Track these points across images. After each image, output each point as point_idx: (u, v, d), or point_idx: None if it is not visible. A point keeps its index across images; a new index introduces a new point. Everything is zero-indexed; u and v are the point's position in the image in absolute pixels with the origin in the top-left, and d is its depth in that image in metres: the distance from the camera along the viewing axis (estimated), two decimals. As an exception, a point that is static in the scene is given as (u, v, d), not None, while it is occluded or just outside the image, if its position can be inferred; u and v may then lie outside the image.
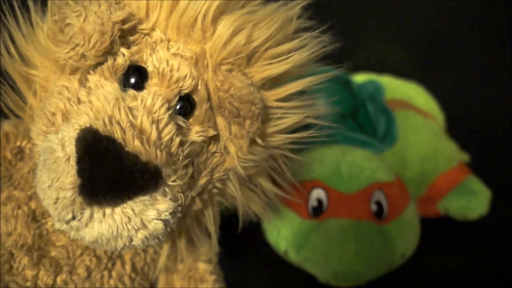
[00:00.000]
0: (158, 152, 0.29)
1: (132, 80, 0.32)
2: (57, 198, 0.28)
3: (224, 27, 0.32)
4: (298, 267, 0.49)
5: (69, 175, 0.27)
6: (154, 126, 0.29)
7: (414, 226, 0.50)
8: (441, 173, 0.54)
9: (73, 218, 0.28)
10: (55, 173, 0.28)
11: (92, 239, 0.29)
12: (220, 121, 0.33)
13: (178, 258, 0.39)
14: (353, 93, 0.56)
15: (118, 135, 0.28)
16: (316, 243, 0.46)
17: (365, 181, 0.47)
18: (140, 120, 0.29)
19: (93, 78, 0.32)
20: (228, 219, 0.39)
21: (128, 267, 0.37)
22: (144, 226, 0.29)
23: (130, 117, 0.29)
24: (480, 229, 0.54)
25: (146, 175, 0.28)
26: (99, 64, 0.32)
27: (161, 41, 0.33)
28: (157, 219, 0.29)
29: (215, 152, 0.34)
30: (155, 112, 0.30)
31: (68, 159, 0.28)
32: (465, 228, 0.54)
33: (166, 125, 0.30)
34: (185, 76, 0.32)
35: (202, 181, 0.34)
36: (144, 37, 0.33)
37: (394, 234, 0.47)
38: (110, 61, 0.32)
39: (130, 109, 0.30)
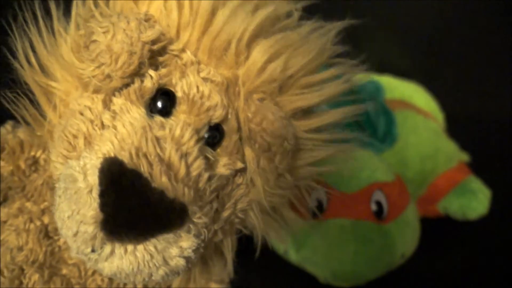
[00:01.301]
0: (186, 190, 0.27)
1: (160, 105, 0.30)
2: (77, 231, 0.27)
3: (259, 53, 0.30)
4: (298, 267, 0.49)
5: (91, 209, 0.26)
6: (183, 161, 0.27)
7: (414, 226, 0.50)
8: (441, 173, 0.54)
9: (93, 251, 0.27)
10: (76, 205, 0.26)
11: (110, 273, 0.28)
12: (249, 152, 0.31)
13: (190, 278, 0.37)
14: (353, 93, 0.56)
15: (144, 169, 0.26)
16: (316, 243, 0.46)
17: (365, 181, 0.47)
18: (168, 154, 0.27)
19: (118, 101, 0.30)
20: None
21: None
22: (166, 263, 0.27)
23: (158, 150, 0.27)
24: (480, 229, 0.54)
25: (172, 213, 0.26)
26: (125, 85, 0.30)
27: (192, 63, 0.31)
28: (179, 256, 0.27)
29: (240, 184, 0.32)
30: (184, 144, 0.28)
31: (91, 191, 0.26)
32: (465, 228, 0.54)
33: (195, 159, 0.28)
34: (216, 105, 0.30)
35: (225, 213, 0.32)
36: (173, 58, 0.30)
37: (394, 234, 0.47)
38: (137, 84, 0.29)
39: (158, 140, 0.28)
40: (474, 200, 0.53)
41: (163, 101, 0.30)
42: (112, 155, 0.27)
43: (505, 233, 0.55)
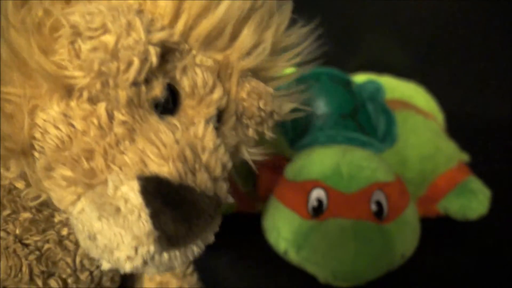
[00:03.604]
0: (224, 185, 0.28)
1: (166, 103, 0.28)
2: (132, 256, 0.25)
3: (248, 36, 0.30)
4: (298, 267, 0.49)
5: (146, 232, 0.25)
6: (214, 159, 0.28)
7: (414, 226, 0.50)
8: (441, 173, 0.54)
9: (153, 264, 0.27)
10: (127, 230, 0.25)
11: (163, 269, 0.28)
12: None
13: None
14: (353, 93, 0.56)
15: (187, 179, 0.26)
16: (316, 243, 0.46)
17: (365, 181, 0.47)
18: (205, 158, 0.27)
19: (124, 110, 0.27)
20: (228, 219, 0.39)
21: None
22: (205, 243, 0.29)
23: (193, 156, 0.27)
24: (480, 229, 0.54)
25: (217, 209, 0.27)
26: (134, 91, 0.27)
27: (188, 52, 0.29)
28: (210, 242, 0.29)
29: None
30: (210, 141, 0.28)
31: (139, 216, 0.25)
32: (465, 228, 0.54)
33: (223, 155, 0.29)
34: (221, 96, 0.30)
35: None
36: (174, 51, 0.28)
37: (394, 234, 0.47)
38: (144, 87, 0.27)
39: (189, 145, 0.27)
40: (474, 200, 0.53)
41: (169, 99, 0.28)
42: (146, 172, 0.25)
43: (505, 233, 0.55)
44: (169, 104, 0.28)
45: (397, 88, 0.65)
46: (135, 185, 0.25)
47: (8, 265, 0.31)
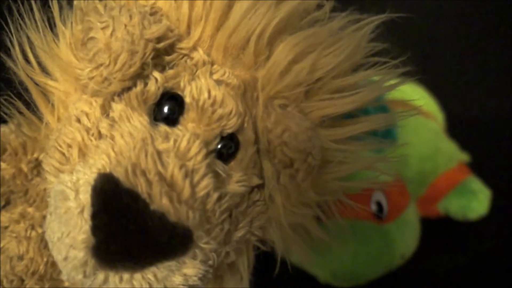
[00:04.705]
0: (190, 213, 0.23)
1: (165, 111, 0.26)
2: (67, 256, 0.24)
3: (283, 52, 0.26)
4: (298, 267, 0.49)
5: (81, 232, 0.23)
6: (187, 181, 0.24)
7: (414, 226, 0.49)
8: (441, 173, 0.54)
9: (85, 277, 0.24)
10: (66, 227, 0.23)
11: None
12: (267, 166, 0.27)
13: None
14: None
15: (142, 189, 0.23)
16: (316, 243, 0.46)
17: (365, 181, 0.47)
18: (171, 171, 0.24)
19: (117, 107, 0.26)
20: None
21: None
22: None
23: (159, 167, 0.23)
24: (480, 229, 0.54)
25: (174, 239, 0.23)
26: (126, 89, 0.26)
27: (203, 63, 0.27)
28: (183, 285, 0.24)
29: (257, 201, 0.28)
30: (190, 159, 0.24)
31: (82, 211, 0.23)
32: (465, 228, 0.54)
33: (203, 177, 0.24)
34: (230, 113, 0.26)
35: (239, 233, 0.28)
36: (182, 57, 0.27)
37: (394, 234, 0.47)
38: (139, 87, 0.26)
39: (160, 154, 0.24)
40: (474, 200, 0.53)
41: (169, 107, 0.26)
42: (108, 170, 0.23)
43: (505, 233, 0.55)
44: (174, 115, 0.26)
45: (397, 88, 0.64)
46: (92, 180, 0.23)
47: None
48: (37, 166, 0.33)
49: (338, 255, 0.45)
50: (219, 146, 0.26)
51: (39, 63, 0.29)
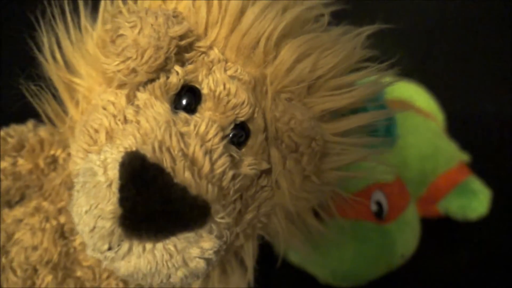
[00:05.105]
0: (210, 187, 0.26)
1: (184, 102, 0.30)
2: (94, 227, 0.25)
3: (288, 52, 0.30)
4: (298, 267, 0.49)
5: (109, 203, 0.25)
6: (207, 158, 0.27)
7: (414, 226, 0.49)
8: (441, 173, 0.54)
9: (109, 249, 0.26)
10: (95, 199, 0.25)
11: (127, 273, 0.26)
12: (275, 153, 0.31)
13: (209, 286, 0.36)
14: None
15: (167, 164, 0.25)
16: (316, 240, 0.46)
17: (365, 181, 0.47)
18: (192, 149, 0.27)
19: (142, 96, 0.29)
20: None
21: None
22: (186, 264, 0.26)
23: (182, 145, 0.26)
24: (480, 229, 0.54)
25: (194, 211, 0.25)
26: (150, 81, 0.29)
27: (219, 61, 0.30)
28: (200, 258, 0.26)
29: (265, 186, 0.32)
30: (209, 140, 0.28)
31: (110, 185, 0.25)
32: (465, 228, 0.54)
33: (220, 156, 0.28)
34: (243, 103, 0.29)
35: (248, 216, 0.31)
36: (200, 55, 0.30)
37: (394, 234, 0.47)
38: (162, 79, 0.29)
39: (182, 135, 0.27)
40: (474, 201, 0.53)
41: (188, 98, 0.30)
42: (134, 149, 0.26)
43: (505, 233, 0.55)
44: (192, 105, 0.30)
45: (397, 88, 0.64)
46: (119, 158, 0.26)
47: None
48: (54, 162, 0.35)
49: (338, 255, 0.45)
50: (232, 134, 0.30)
51: (66, 62, 0.32)
